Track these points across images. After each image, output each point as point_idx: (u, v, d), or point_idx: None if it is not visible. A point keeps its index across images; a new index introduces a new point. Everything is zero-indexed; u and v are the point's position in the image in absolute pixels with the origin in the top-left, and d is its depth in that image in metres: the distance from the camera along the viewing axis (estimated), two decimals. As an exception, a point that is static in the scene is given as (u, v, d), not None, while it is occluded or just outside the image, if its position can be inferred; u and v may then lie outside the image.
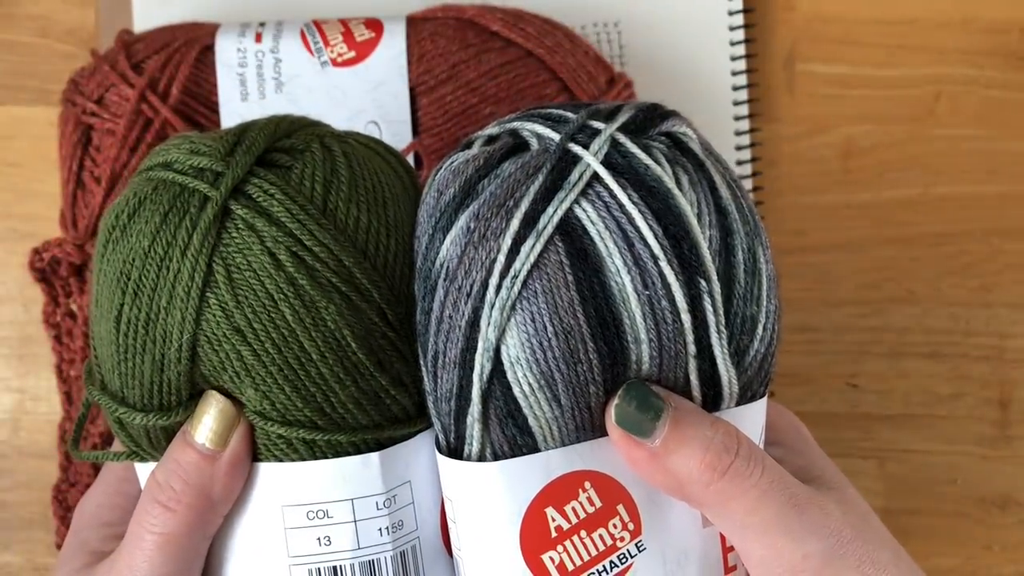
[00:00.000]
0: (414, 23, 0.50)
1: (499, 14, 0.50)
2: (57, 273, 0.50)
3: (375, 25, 0.50)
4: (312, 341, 0.34)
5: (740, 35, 0.55)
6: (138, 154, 0.48)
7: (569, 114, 0.35)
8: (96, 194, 0.49)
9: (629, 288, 0.32)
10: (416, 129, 0.49)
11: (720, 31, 0.55)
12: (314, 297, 0.34)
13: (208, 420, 0.35)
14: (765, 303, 0.34)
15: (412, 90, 0.49)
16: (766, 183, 0.56)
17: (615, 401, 0.33)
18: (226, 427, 0.35)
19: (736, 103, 0.55)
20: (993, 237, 0.56)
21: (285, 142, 0.37)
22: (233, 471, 0.35)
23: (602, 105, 0.36)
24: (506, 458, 0.33)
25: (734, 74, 0.55)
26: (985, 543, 0.56)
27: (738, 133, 0.55)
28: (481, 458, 0.34)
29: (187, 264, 0.34)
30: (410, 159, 0.49)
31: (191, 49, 0.49)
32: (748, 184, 0.55)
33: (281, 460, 0.36)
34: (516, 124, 0.36)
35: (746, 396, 0.35)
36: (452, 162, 0.36)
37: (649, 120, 0.35)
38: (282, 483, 0.36)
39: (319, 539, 0.36)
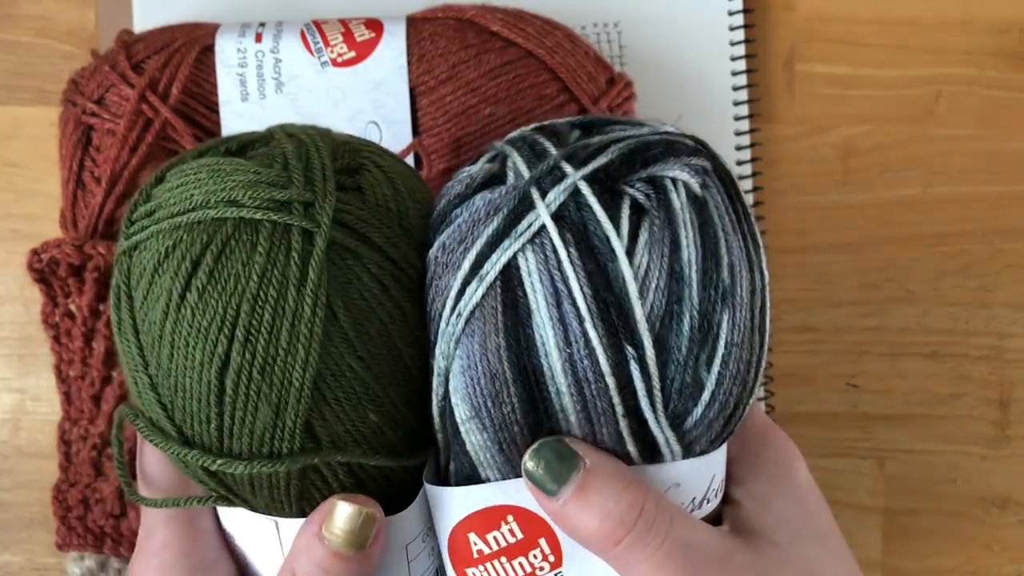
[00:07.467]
0: (414, 23, 0.50)
1: (499, 14, 0.50)
2: (56, 274, 0.50)
3: (375, 25, 0.50)
4: (412, 359, 0.35)
5: (740, 35, 0.55)
6: (138, 154, 0.48)
7: (552, 150, 0.35)
8: (96, 194, 0.49)
9: (551, 343, 0.33)
10: (416, 129, 0.49)
11: (720, 31, 0.55)
12: (414, 316, 0.35)
13: (348, 525, 0.35)
14: (718, 368, 0.33)
15: (412, 90, 0.49)
16: (766, 183, 0.56)
17: (526, 455, 0.33)
18: (368, 531, 0.35)
19: (736, 103, 0.55)
20: (993, 237, 0.56)
21: (341, 162, 0.37)
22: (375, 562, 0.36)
23: (593, 140, 0.35)
24: (461, 478, 0.36)
25: (734, 74, 0.55)
26: (985, 543, 0.56)
27: (738, 133, 0.55)
28: (441, 475, 0.36)
29: (307, 301, 0.33)
30: (410, 159, 0.49)
31: (191, 49, 0.49)
32: (748, 184, 0.55)
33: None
34: (509, 149, 0.36)
35: (694, 451, 0.35)
36: (458, 175, 0.37)
37: (630, 164, 0.34)
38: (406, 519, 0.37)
39: (428, 568, 0.39)
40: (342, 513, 0.34)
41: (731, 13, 0.55)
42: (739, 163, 0.55)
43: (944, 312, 0.56)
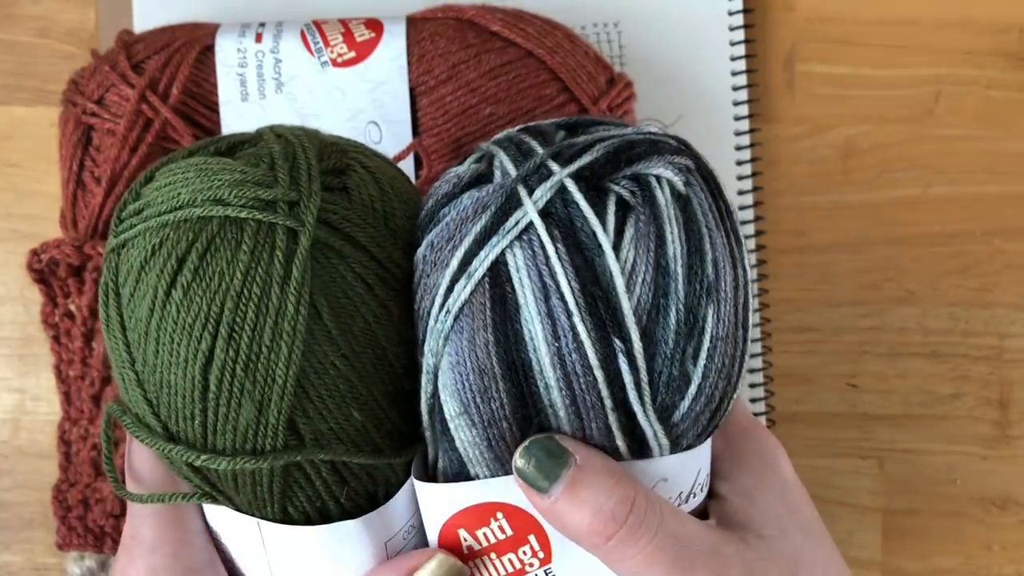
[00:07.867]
0: (414, 23, 0.50)
1: (499, 14, 0.50)
2: (56, 274, 0.50)
3: (375, 25, 0.50)
4: (396, 358, 0.36)
5: (740, 35, 0.55)
6: (138, 154, 0.48)
7: (538, 149, 0.35)
8: (96, 194, 0.49)
9: (540, 337, 0.33)
10: (416, 129, 0.49)
11: (720, 31, 0.55)
12: (399, 315, 0.36)
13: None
14: (704, 362, 0.34)
15: (412, 90, 0.49)
16: (766, 183, 0.56)
17: (517, 453, 0.33)
18: None
19: (736, 103, 0.55)
20: (993, 237, 0.56)
21: (327, 162, 0.37)
22: None
23: (578, 140, 0.35)
24: (450, 475, 0.36)
25: (734, 74, 0.55)
26: (985, 543, 0.56)
27: (738, 133, 0.55)
28: (429, 472, 0.37)
29: (290, 299, 0.33)
30: (410, 159, 0.49)
31: (191, 49, 0.49)
32: (748, 184, 0.55)
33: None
34: (495, 149, 0.36)
35: (681, 445, 0.35)
36: (446, 175, 0.37)
37: (615, 162, 0.34)
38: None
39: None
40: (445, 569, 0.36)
41: (731, 13, 0.55)
42: (739, 163, 0.55)
43: (944, 312, 0.56)
